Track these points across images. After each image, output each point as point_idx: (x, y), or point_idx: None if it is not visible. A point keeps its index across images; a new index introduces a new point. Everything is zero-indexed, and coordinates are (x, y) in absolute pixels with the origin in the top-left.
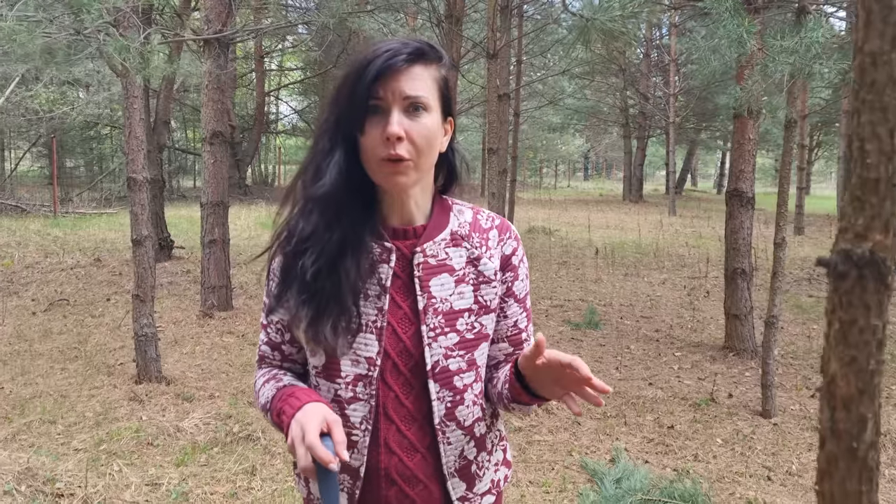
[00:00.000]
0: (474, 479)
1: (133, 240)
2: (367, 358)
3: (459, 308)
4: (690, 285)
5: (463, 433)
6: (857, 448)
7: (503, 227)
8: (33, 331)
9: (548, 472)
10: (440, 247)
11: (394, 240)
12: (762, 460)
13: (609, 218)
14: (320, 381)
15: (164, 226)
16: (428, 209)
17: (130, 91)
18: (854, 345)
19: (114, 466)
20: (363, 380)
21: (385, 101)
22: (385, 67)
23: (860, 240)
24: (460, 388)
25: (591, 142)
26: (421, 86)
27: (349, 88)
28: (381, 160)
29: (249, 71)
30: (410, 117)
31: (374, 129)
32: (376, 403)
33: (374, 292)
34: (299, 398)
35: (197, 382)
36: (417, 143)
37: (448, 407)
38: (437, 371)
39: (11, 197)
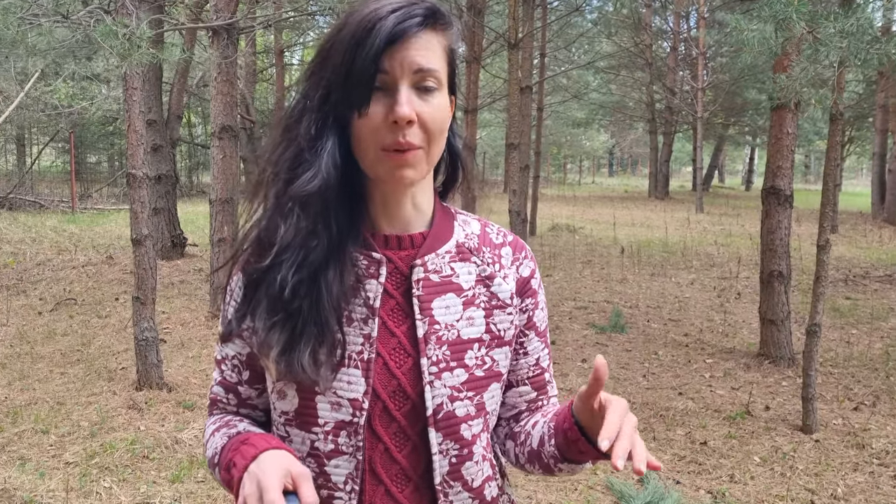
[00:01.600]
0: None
1: (133, 239)
2: (351, 400)
3: (468, 337)
4: (720, 286)
5: (470, 496)
6: None
7: (517, 244)
8: (37, 332)
9: (570, 493)
10: (444, 260)
11: (385, 250)
12: (804, 482)
13: (634, 215)
14: (292, 431)
15: (176, 223)
16: (429, 213)
17: (129, 82)
18: None
19: (103, 483)
20: (347, 428)
21: (391, 74)
22: (397, 32)
23: None
24: (468, 440)
25: (617, 137)
26: (433, 56)
27: (345, 57)
28: (384, 149)
29: (270, 65)
30: (421, 96)
31: (375, 111)
32: (364, 458)
33: (360, 315)
34: (255, 445)
35: (200, 389)
36: (430, 128)
37: (453, 463)
38: (440, 417)
39: (30, 192)
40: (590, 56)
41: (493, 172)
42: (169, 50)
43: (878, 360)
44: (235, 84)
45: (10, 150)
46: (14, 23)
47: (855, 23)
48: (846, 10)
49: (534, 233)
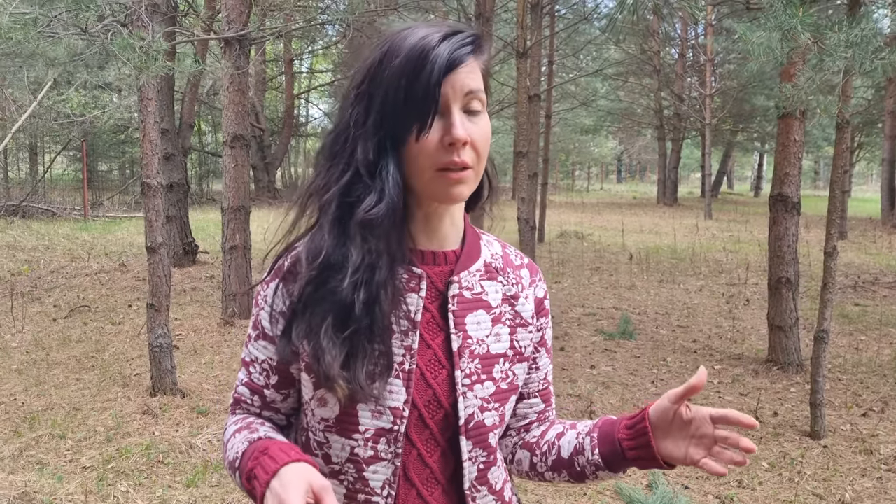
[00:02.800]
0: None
1: (147, 247)
2: (393, 408)
3: (496, 352)
4: (729, 293)
5: (494, 498)
6: None
7: (532, 267)
8: (52, 338)
9: (579, 498)
10: (476, 278)
11: (422, 265)
12: (812, 487)
13: (643, 221)
14: (331, 437)
15: (188, 230)
16: (462, 230)
17: (145, 93)
18: None
19: (120, 487)
20: (387, 435)
21: (445, 98)
22: (454, 60)
23: None
24: (493, 447)
25: (625, 144)
26: (478, 78)
27: (402, 81)
28: (440, 169)
29: (279, 73)
30: (470, 118)
31: (431, 133)
32: (402, 464)
33: (402, 328)
34: (275, 458)
35: (213, 395)
36: (479, 148)
37: (481, 469)
38: (471, 427)
39: (43, 200)
40: (598, 63)
41: (502, 179)
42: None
43: (886, 367)
44: (247, 93)
45: (23, 159)
46: (34, 36)
47: (860, 33)
48: (851, 20)
49: (542, 240)
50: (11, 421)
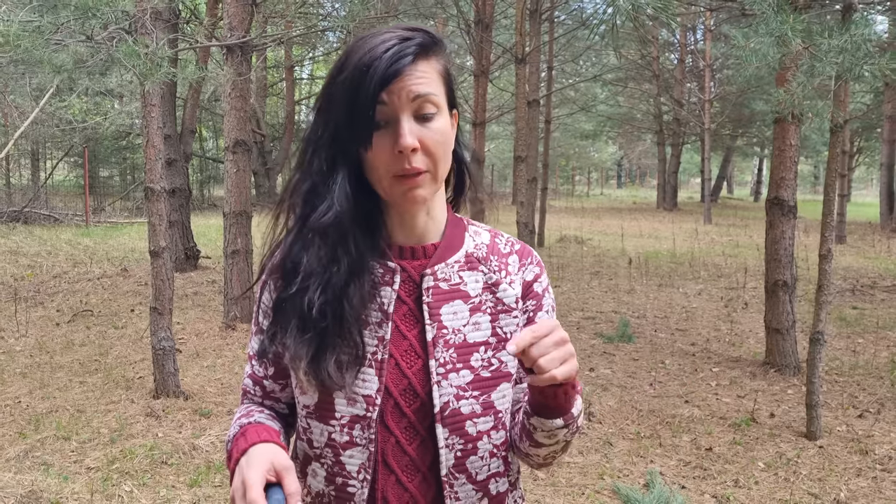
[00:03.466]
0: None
1: (151, 251)
2: (366, 396)
3: (474, 341)
4: (728, 296)
5: (474, 489)
6: None
7: (524, 251)
8: (55, 342)
9: (577, 497)
10: (453, 269)
11: (399, 259)
12: (808, 487)
13: (642, 226)
14: (312, 423)
15: (190, 235)
16: (443, 224)
17: (148, 99)
18: None
19: (124, 487)
20: (361, 422)
21: (391, 106)
22: (391, 74)
23: None
24: (473, 436)
25: (625, 149)
26: (430, 81)
27: (346, 97)
28: (395, 177)
29: (280, 80)
30: (421, 123)
31: (382, 143)
32: (376, 450)
33: (375, 319)
34: (248, 438)
35: (216, 398)
36: (432, 152)
37: (458, 456)
38: (446, 414)
39: (45, 206)
40: (597, 69)
41: (502, 185)
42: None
43: (883, 369)
44: (248, 100)
45: (25, 165)
46: (42, 43)
47: (850, 39)
48: (842, 27)
49: (542, 244)
50: (16, 423)
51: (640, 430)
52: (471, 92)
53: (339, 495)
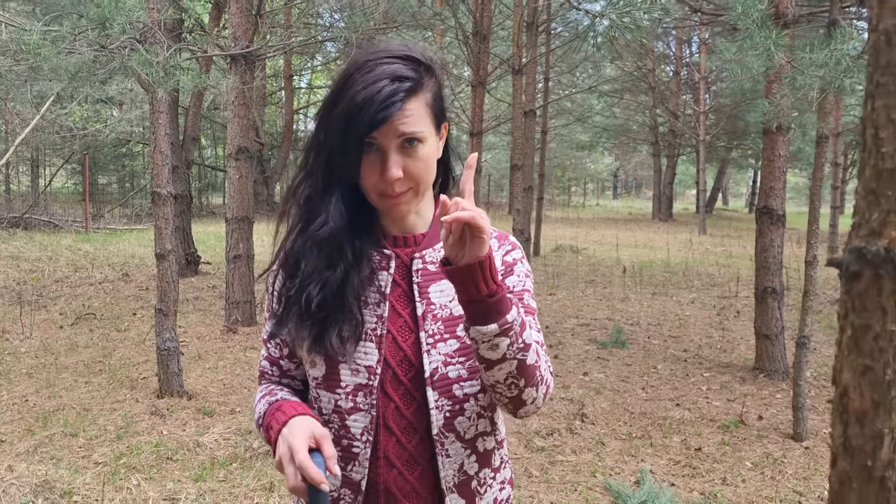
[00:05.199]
0: (474, 496)
1: (157, 254)
2: (367, 367)
3: (459, 314)
4: (720, 305)
5: (463, 446)
6: (873, 467)
7: (502, 235)
8: (60, 344)
9: (570, 494)
10: (440, 254)
11: (393, 248)
12: (793, 485)
13: (637, 236)
14: (321, 393)
15: (190, 241)
16: (429, 218)
17: (156, 106)
18: (868, 353)
19: (132, 480)
20: (363, 389)
21: (380, 142)
22: (381, 119)
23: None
24: (460, 398)
25: (621, 160)
26: (415, 121)
27: (340, 129)
28: (381, 195)
29: (279, 89)
30: (406, 153)
31: (370, 167)
32: (377, 414)
33: (374, 300)
34: (286, 412)
35: (218, 397)
36: (415, 176)
37: (447, 417)
38: (435, 378)
39: (45, 213)
40: (593, 80)
41: (498, 195)
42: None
43: None
44: (251, 108)
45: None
46: (60, 51)
47: (830, 53)
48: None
49: (538, 253)
50: (24, 420)
51: (631, 431)
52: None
53: (344, 455)
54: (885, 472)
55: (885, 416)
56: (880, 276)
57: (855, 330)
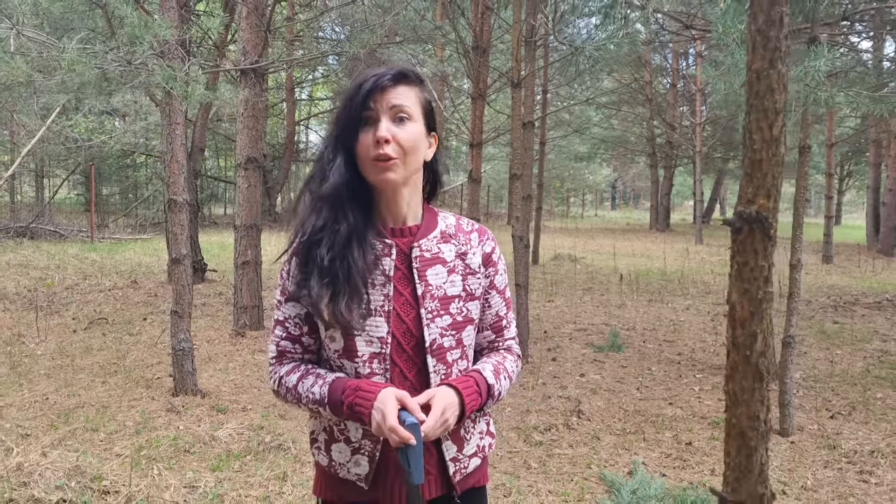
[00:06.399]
0: (463, 441)
1: (172, 258)
2: (379, 338)
3: (451, 294)
4: (714, 311)
5: None
6: (750, 356)
7: (481, 230)
8: (75, 347)
9: (567, 484)
10: (433, 242)
11: (392, 237)
12: (777, 476)
13: (635, 246)
14: (343, 362)
15: (197, 249)
16: (419, 212)
17: (173, 118)
18: (747, 279)
19: (154, 469)
20: (377, 357)
21: (375, 111)
22: (374, 86)
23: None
24: (450, 363)
25: (619, 171)
26: (405, 99)
27: (346, 106)
28: (372, 160)
29: (280, 101)
30: (397, 125)
31: (367, 136)
32: (390, 377)
33: (380, 282)
34: (369, 390)
35: (230, 396)
36: (403, 145)
37: (442, 379)
38: (434, 348)
39: (50, 223)
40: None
41: (497, 206)
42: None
43: (857, 377)
44: (259, 119)
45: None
46: (92, 67)
47: (803, 69)
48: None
49: (537, 262)
50: (47, 416)
51: (625, 427)
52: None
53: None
54: (758, 359)
55: (758, 322)
56: (753, 229)
57: (738, 265)
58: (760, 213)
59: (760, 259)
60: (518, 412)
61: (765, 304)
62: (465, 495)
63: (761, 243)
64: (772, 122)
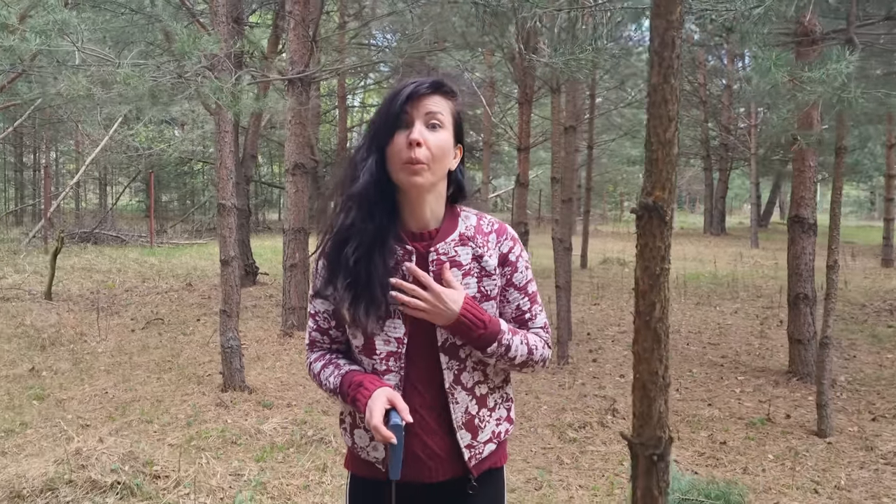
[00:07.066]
0: (477, 430)
1: (221, 260)
2: (396, 338)
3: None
4: (764, 315)
5: (466, 394)
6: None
7: (501, 230)
8: (132, 345)
9: (598, 479)
10: (450, 246)
11: (412, 242)
12: (811, 475)
13: (687, 250)
14: (362, 358)
15: (249, 253)
16: (441, 216)
17: (222, 126)
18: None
19: (202, 458)
20: (394, 356)
21: (411, 116)
22: (413, 92)
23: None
24: (462, 358)
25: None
26: (440, 108)
27: (385, 109)
28: (404, 162)
29: (333, 108)
30: (430, 130)
31: (400, 137)
32: (404, 374)
33: None
34: (367, 388)
35: (276, 392)
36: (433, 151)
37: (455, 374)
38: (446, 346)
39: (112, 228)
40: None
41: (548, 209)
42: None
43: None
44: (307, 127)
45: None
46: (146, 81)
47: (825, 72)
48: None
49: (585, 265)
50: (105, 409)
51: None
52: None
53: None
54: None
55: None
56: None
57: (641, 246)
58: (657, 202)
59: (658, 241)
60: (554, 410)
61: (662, 278)
62: (482, 477)
63: (658, 228)
64: (666, 128)
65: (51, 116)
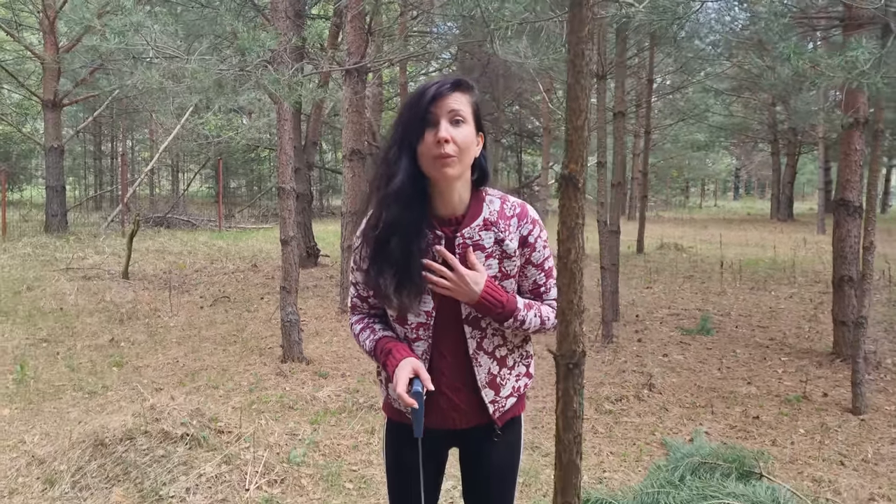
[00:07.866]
0: (500, 387)
1: (281, 240)
2: (426, 311)
3: (488, 275)
4: (819, 300)
5: (488, 357)
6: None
7: (522, 213)
8: (201, 321)
9: (630, 448)
10: (475, 231)
11: (441, 227)
12: (839, 448)
13: (749, 236)
14: (397, 327)
15: (311, 236)
16: (467, 201)
17: (282, 115)
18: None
19: (262, 419)
20: (423, 326)
21: (436, 115)
22: (437, 93)
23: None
24: (483, 328)
25: (742, 160)
26: (460, 104)
27: (411, 111)
28: (435, 157)
29: (395, 95)
30: (454, 126)
31: (429, 136)
32: (432, 342)
33: None
34: (395, 356)
35: (332, 364)
36: (460, 144)
37: (477, 342)
38: (469, 319)
39: (184, 213)
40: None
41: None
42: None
43: None
44: (364, 114)
45: (166, 177)
46: (211, 74)
47: (844, 59)
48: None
49: (641, 250)
50: (177, 376)
51: (696, 401)
52: None
53: None
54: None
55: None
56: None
57: (561, 206)
58: (572, 174)
59: (573, 202)
60: (592, 384)
61: (576, 230)
62: (505, 425)
63: (573, 192)
64: (577, 117)
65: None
